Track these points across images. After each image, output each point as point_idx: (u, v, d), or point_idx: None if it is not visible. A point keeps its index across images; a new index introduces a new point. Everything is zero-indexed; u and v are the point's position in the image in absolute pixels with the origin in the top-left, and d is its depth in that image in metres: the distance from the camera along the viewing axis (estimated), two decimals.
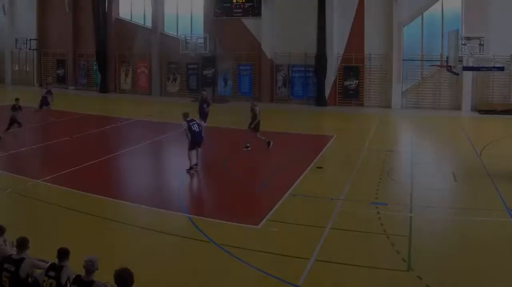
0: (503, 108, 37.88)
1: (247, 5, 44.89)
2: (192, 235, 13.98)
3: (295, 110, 40.39)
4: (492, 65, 25.30)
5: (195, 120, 21.07)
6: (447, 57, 25.71)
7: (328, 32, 41.53)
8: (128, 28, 50.15)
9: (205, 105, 27.09)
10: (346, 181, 19.35)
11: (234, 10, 45.41)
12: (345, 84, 42.32)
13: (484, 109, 38.13)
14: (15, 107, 26.18)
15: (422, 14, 40.60)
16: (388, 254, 12.67)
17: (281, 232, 14.21)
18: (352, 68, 42.07)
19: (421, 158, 23.91)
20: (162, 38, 48.28)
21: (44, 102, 32.65)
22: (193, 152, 20.47)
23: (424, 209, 16.35)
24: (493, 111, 37.61)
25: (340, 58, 42.41)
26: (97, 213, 15.48)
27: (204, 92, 27.63)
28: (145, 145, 26.50)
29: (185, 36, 45.47)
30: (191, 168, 20.41)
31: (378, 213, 15.63)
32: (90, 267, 8.22)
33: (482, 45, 33.78)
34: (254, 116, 24.66)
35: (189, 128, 20.22)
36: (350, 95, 42.41)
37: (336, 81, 42.44)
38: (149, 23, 48.83)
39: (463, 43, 26.06)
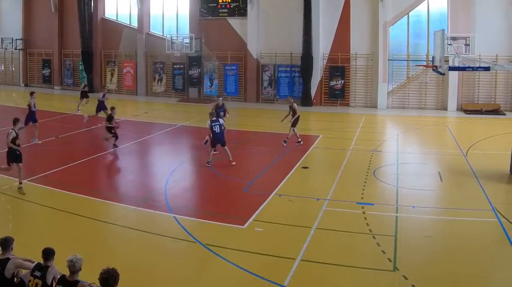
0: (489, 108, 37.16)
1: (232, 5, 43.66)
2: (178, 235, 13.72)
3: (281, 110, 37.31)
4: (478, 65, 24.04)
5: (218, 121, 21.39)
6: (433, 57, 24.73)
7: (314, 32, 40.46)
8: (114, 28, 48.71)
9: (221, 112, 25.23)
10: (332, 181, 18.98)
11: (220, 10, 44.17)
12: (331, 84, 41.23)
13: (470, 109, 37.36)
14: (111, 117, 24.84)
15: (407, 14, 39.59)
16: (374, 254, 12.43)
17: (267, 232, 13.98)
18: (338, 68, 40.95)
19: (407, 158, 23.35)
20: (148, 38, 46.96)
21: (100, 107, 30.98)
22: (213, 149, 21.31)
23: (410, 209, 15.93)
24: (479, 111, 36.89)
25: (326, 58, 41.30)
26: (83, 212, 15.10)
27: (220, 98, 26.32)
28: (131, 145, 25.91)
29: (171, 36, 44.17)
30: (207, 162, 21.14)
31: (364, 213, 15.33)
32: (71, 267, 8.12)
33: (468, 45, 33.86)
34: (294, 112, 25.33)
35: (211, 127, 21.10)
36: (336, 95, 41.29)
37: (322, 81, 41.35)
38: (135, 23, 47.48)
39: (449, 43, 25.70)
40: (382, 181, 19.23)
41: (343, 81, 40.89)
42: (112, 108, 25.61)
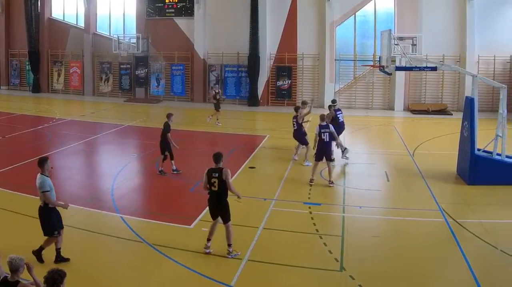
0: (436, 108, 33.77)
1: (179, 5, 38.88)
2: (125, 235, 12.63)
3: (228, 110, 34.78)
4: (424, 65, 21.68)
5: (328, 128, 17.25)
6: (379, 57, 22.57)
7: (261, 32, 36.21)
8: (60, 28, 42.97)
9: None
10: (279, 181, 17.58)
11: (167, 10, 39.29)
12: (277, 84, 36.84)
13: (417, 109, 33.90)
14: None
15: (354, 14, 35.71)
16: (321, 254, 11.62)
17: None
18: (284, 68, 36.58)
19: (354, 158, 20.74)
20: (94, 38, 41.59)
21: None
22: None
23: (357, 209, 14.83)
24: (426, 111, 33.48)
25: (273, 58, 36.90)
26: (30, 212, 12.97)
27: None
28: (78, 145, 23.55)
29: (118, 36, 39.11)
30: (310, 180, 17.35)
31: (311, 213, 14.27)
32: (10, 267, 7.34)
33: (415, 45, 31.23)
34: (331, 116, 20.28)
35: (319, 134, 17.10)
36: (283, 95, 36.84)
37: (268, 81, 36.96)
38: (81, 23, 42.03)
39: (395, 43, 22.48)
40: (329, 181, 17.21)
41: (290, 81, 36.59)
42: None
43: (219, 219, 11.47)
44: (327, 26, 35.52)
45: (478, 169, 16.87)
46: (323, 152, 17.07)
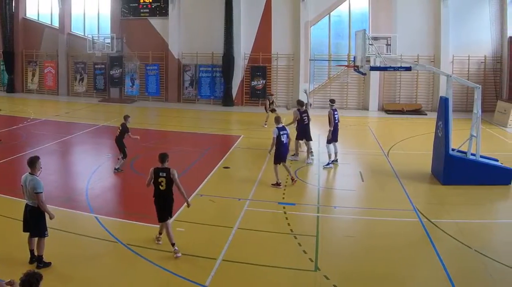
0: (410, 108, 31.93)
1: (154, 5, 36.49)
2: (99, 235, 12.03)
3: (202, 110, 33.70)
4: (399, 65, 20.81)
5: (286, 130, 16.41)
6: (354, 57, 21.63)
7: (235, 32, 34.18)
8: (35, 28, 40.26)
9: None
10: (253, 181, 16.78)
11: (141, 10, 36.87)
12: (252, 84, 34.64)
13: (391, 109, 32.00)
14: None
15: (329, 14, 33.69)
16: (295, 254, 11.09)
17: (188, 232, 12.28)
18: (259, 68, 34.40)
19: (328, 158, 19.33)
20: (69, 38, 38.99)
21: None
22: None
23: (331, 209, 14.37)
24: (400, 111, 31.63)
25: (247, 58, 34.73)
26: (4, 212, 13.12)
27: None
28: (53, 145, 22.25)
29: (92, 36, 36.70)
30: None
31: (285, 213, 13.75)
32: None
33: (389, 45, 29.69)
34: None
35: (278, 136, 16.06)
36: (257, 95, 34.60)
37: (243, 81, 34.80)
38: (56, 23, 39.42)
39: (370, 43, 21.48)
40: (304, 181, 16.90)
41: (264, 81, 34.41)
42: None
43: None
44: (301, 26, 33.56)
45: (452, 169, 16.28)
46: (282, 154, 16.28)
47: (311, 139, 19.84)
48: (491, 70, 31.87)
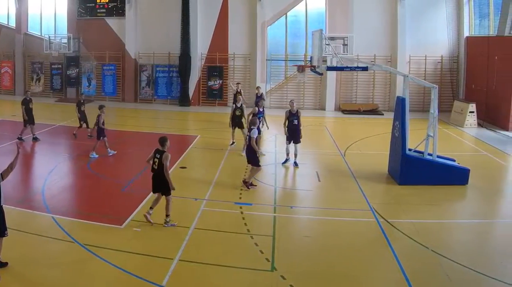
0: (367, 108, 29.13)
1: (110, 5, 33.04)
2: (56, 235, 10.94)
3: (159, 110, 30.84)
4: (356, 65, 19.24)
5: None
6: (310, 57, 19.60)
7: (192, 32, 31.02)
8: None
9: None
10: (210, 181, 15.57)
11: (98, 10, 33.39)
12: (209, 84, 31.44)
13: (348, 109, 29.10)
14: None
15: (286, 14, 30.70)
16: (252, 254, 10.26)
17: (145, 232, 11.19)
18: (216, 68, 31.20)
19: (285, 158, 18.14)
20: (26, 38, 35.32)
21: None
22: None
23: (288, 209, 13.26)
24: (357, 111, 28.79)
25: (204, 58, 31.50)
26: None
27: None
28: (9, 145, 20.36)
29: (49, 36, 33.19)
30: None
31: (242, 213, 12.67)
32: None
33: (346, 45, 27.11)
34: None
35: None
36: (214, 95, 31.45)
37: (200, 81, 31.59)
38: (12, 23, 35.79)
39: (327, 43, 20.48)
40: (260, 181, 15.54)
41: (221, 81, 31.23)
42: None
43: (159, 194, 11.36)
44: (258, 26, 30.50)
45: (409, 169, 15.17)
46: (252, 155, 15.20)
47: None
48: (447, 70, 29.29)
